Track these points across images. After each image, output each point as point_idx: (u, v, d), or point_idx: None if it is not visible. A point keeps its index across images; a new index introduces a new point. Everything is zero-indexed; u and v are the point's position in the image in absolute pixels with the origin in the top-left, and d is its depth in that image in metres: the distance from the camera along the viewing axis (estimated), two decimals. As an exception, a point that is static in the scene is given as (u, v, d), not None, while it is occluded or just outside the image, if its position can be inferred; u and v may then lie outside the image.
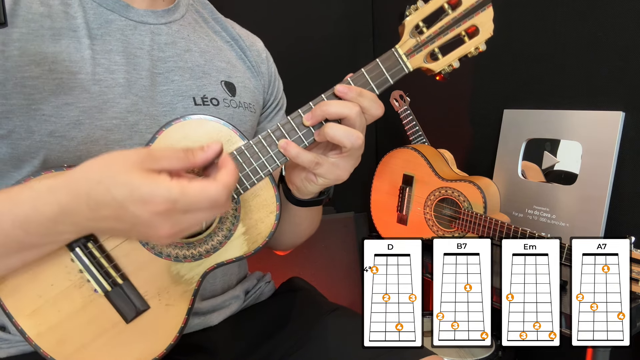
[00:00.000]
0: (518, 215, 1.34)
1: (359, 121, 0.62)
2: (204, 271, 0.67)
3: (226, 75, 0.79)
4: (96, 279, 0.62)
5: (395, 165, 1.41)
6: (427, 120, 1.51)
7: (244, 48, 0.85)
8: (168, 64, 0.73)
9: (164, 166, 0.54)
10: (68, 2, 0.68)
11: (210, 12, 0.85)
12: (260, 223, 0.66)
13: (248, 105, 0.81)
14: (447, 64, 0.65)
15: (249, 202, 0.66)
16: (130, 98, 0.68)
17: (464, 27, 0.64)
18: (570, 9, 1.25)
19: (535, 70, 1.35)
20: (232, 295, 0.83)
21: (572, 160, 1.25)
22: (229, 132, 0.63)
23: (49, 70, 0.63)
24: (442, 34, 0.64)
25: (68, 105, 0.64)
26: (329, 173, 0.65)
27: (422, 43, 0.64)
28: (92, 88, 0.65)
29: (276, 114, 0.90)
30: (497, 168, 1.42)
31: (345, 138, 0.61)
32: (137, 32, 0.71)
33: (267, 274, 0.95)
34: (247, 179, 0.63)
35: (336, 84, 0.63)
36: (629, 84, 1.16)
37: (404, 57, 0.64)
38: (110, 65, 0.68)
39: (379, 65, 0.63)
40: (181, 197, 0.52)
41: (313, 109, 0.62)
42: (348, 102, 0.62)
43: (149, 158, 0.53)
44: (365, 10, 1.80)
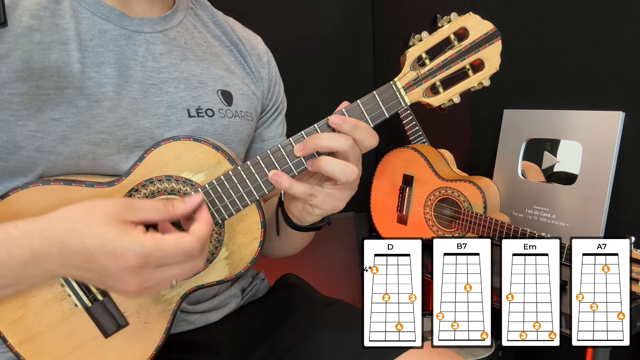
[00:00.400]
0: (518, 215, 1.34)
1: (352, 153, 0.61)
2: (184, 292, 0.67)
3: (223, 84, 0.77)
4: (77, 294, 0.63)
5: (395, 165, 1.41)
6: (427, 120, 1.51)
7: (243, 53, 0.83)
8: (162, 75, 0.71)
9: (142, 217, 0.55)
10: (60, 14, 0.65)
11: (210, 14, 0.83)
12: (244, 248, 0.66)
13: (245, 114, 0.79)
14: (447, 99, 0.62)
15: (233, 226, 0.66)
16: (119, 112, 0.66)
17: (469, 61, 0.61)
18: (570, 9, 1.25)
19: (535, 70, 1.35)
20: (229, 294, 0.84)
21: (572, 160, 1.25)
22: (217, 156, 0.63)
23: (36, 86, 0.62)
24: (445, 67, 0.61)
25: (55, 120, 0.62)
26: (325, 204, 0.64)
27: (423, 77, 0.61)
28: (79, 103, 0.64)
29: (274, 120, 0.88)
30: (497, 168, 1.42)
31: (340, 172, 0.60)
32: (131, 42, 0.69)
33: (261, 271, 0.95)
34: (232, 205, 0.63)
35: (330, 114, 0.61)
36: (629, 84, 1.16)
37: (402, 90, 0.61)
38: (100, 79, 0.66)
39: (376, 97, 0.62)
40: (154, 251, 0.53)
41: (305, 140, 0.61)
42: (341, 135, 0.60)
43: (127, 209, 0.54)
44: (365, 10, 1.80)
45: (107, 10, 0.68)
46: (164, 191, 0.63)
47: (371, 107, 0.62)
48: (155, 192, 0.63)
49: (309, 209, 0.66)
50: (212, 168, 0.63)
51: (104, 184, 0.63)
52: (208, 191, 0.62)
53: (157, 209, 0.56)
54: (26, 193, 0.60)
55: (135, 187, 0.63)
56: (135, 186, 0.63)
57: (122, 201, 0.55)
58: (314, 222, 0.71)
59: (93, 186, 0.62)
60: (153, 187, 0.63)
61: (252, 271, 0.94)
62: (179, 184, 0.63)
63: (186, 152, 0.63)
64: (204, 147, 0.63)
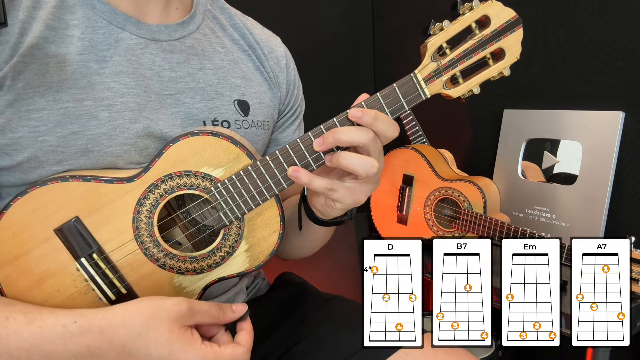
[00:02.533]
0: (518, 215, 1.34)
1: (373, 147, 0.60)
2: (206, 284, 0.67)
3: (240, 93, 0.76)
4: (101, 288, 0.63)
5: (395, 165, 1.41)
6: (427, 120, 1.51)
7: (261, 57, 0.81)
8: (179, 85, 0.70)
9: (199, 321, 0.58)
10: (75, 24, 0.64)
11: (228, 17, 0.81)
12: (263, 241, 0.66)
13: (261, 124, 0.78)
14: (468, 90, 0.61)
15: (252, 220, 0.66)
16: (141, 122, 0.65)
17: (490, 50, 0.60)
18: (570, 8, 1.25)
19: (535, 70, 1.35)
20: (237, 290, 0.85)
21: (572, 160, 1.25)
22: (236, 150, 0.63)
23: (53, 100, 0.61)
24: (466, 57, 0.59)
25: (75, 134, 0.62)
26: (345, 198, 0.63)
27: (444, 67, 0.60)
28: (100, 114, 0.63)
29: (291, 124, 0.87)
30: (497, 168, 1.42)
31: (360, 167, 0.59)
32: (147, 51, 0.68)
33: (261, 270, 0.96)
34: (252, 200, 0.63)
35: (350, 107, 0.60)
36: (629, 84, 1.16)
37: (422, 83, 0.60)
38: (120, 89, 0.65)
39: (396, 90, 0.60)
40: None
41: (325, 135, 0.60)
42: (361, 128, 0.59)
43: (189, 314, 0.56)
44: (365, 10, 1.80)
45: (122, 19, 0.67)
46: (184, 186, 0.63)
47: (391, 100, 0.61)
48: (174, 188, 0.63)
49: (331, 203, 0.65)
50: (231, 163, 0.63)
51: (124, 179, 0.62)
52: (228, 186, 0.63)
53: (212, 314, 0.59)
54: (45, 190, 0.60)
55: (155, 182, 0.63)
56: (154, 182, 0.63)
57: (185, 304, 0.56)
58: (337, 216, 0.70)
59: (112, 182, 0.62)
60: (172, 183, 0.63)
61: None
62: (198, 179, 0.63)
63: (205, 147, 0.62)
64: (222, 142, 0.63)
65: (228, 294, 0.83)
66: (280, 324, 0.83)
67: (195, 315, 0.57)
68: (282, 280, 0.95)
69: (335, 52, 1.75)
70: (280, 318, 0.84)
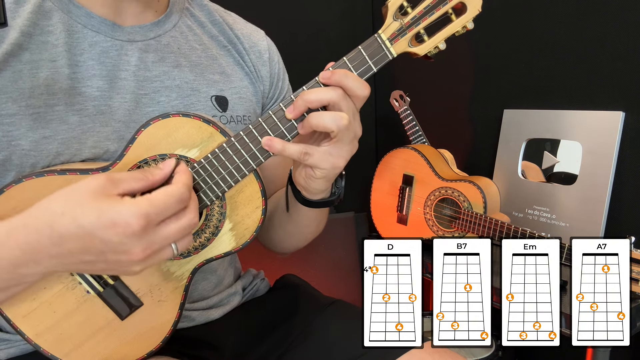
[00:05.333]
0: (518, 215, 1.34)
1: (345, 104, 0.59)
2: (194, 267, 0.67)
3: (218, 89, 0.76)
4: (87, 281, 0.63)
5: (395, 165, 1.41)
6: (427, 120, 1.51)
7: (242, 52, 0.81)
8: (155, 84, 0.70)
9: (125, 189, 0.54)
10: (50, 29, 0.65)
11: (207, 14, 0.81)
12: (247, 218, 0.66)
13: (241, 119, 0.77)
14: (434, 46, 0.62)
15: (234, 198, 0.65)
16: (111, 125, 0.66)
17: (450, 5, 0.60)
18: (570, 8, 1.25)
19: (535, 70, 1.35)
20: (231, 292, 0.84)
21: (572, 160, 1.25)
22: (209, 129, 0.62)
23: (25, 105, 0.61)
24: (427, 14, 0.60)
25: (46, 138, 0.62)
26: (322, 162, 0.62)
27: (407, 26, 0.60)
28: (70, 119, 0.64)
29: None
30: (497, 168, 1.42)
31: (331, 121, 0.59)
32: (122, 52, 0.68)
33: (261, 271, 0.96)
34: (230, 176, 0.62)
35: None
36: (629, 84, 1.16)
37: (387, 42, 0.61)
38: (92, 92, 0.65)
39: (362, 52, 0.61)
40: (150, 207, 0.52)
41: (294, 100, 0.60)
42: (329, 87, 0.59)
43: (110, 183, 0.53)
44: (365, 10, 1.80)
45: (97, 22, 0.67)
46: None
47: (358, 62, 0.61)
48: None
49: (310, 172, 0.64)
50: (205, 142, 0.62)
51: (99, 169, 0.62)
52: (204, 165, 0.62)
53: (138, 178, 0.56)
54: (21, 187, 0.60)
55: (130, 169, 0.63)
56: (129, 169, 0.63)
57: (102, 176, 0.53)
58: (322, 190, 0.68)
59: (88, 173, 0.61)
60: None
61: (253, 270, 0.95)
62: None
63: (177, 129, 0.62)
64: (194, 122, 0.62)
65: (221, 294, 0.82)
66: (279, 325, 0.82)
67: (119, 183, 0.54)
68: (283, 282, 0.95)
69: (335, 52, 1.74)
70: (280, 319, 0.83)
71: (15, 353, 0.69)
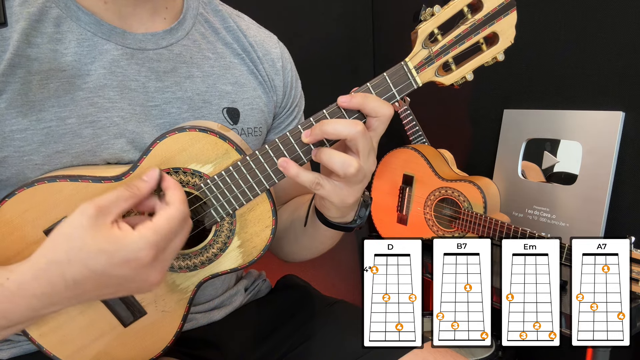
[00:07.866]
0: (518, 215, 1.34)
1: (362, 142, 0.57)
2: (199, 281, 0.67)
3: (230, 101, 0.74)
4: None
5: (395, 165, 1.41)
6: (427, 120, 1.51)
7: (255, 61, 0.78)
8: (166, 95, 0.68)
9: (117, 213, 0.54)
10: (58, 37, 0.62)
11: (221, 20, 0.77)
12: (256, 237, 0.66)
13: (252, 131, 0.76)
14: (461, 77, 0.59)
15: (244, 215, 0.65)
16: (125, 136, 0.65)
17: (483, 34, 0.57)
18: (570, 8, 1.25)
19: (535, 70, 1.35)
20: (233, 292, 0.84)
21: (572, 160, 1.25)
22: (225, 146, 0.62)
23: (36, 120, 0.60)
24: (458, 43, 0.57)
25: (59, 153, 0.61)
26: (331, 195, 0.61)
27: (435, 54, 0.58)
28: (83, 132, 0.62)
29: (289, 125, 0.85)
30: (497, 168, 1.42)
31: (338, 165, 0.57)
32: (133, 62, 0.66)
33: (262, 272, 0.95)
34: (243, 195, 0.62)
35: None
36: (629, 84, 1.16)
37: (413, 71, 0.58)
38: (103, 104, 0.64)
39: (386, 79, 0.59)
40: (157, 236, 0.53)
41: (313, 127, 0.59)
42: (349, 121, 0.58)
43: (100, 214, 0.53)
44: (365, 10, 1.80)
45: (107, 29, 0.65)
46: None
47: (382, 89, 0.59)
48: None
49: (322, 201, 0.64)
50: (220, 158, 0.62)
51: (112, 178, 0.61)
52: (217, 182, 0.62)
53: (125, 197, 0.55)
54: (33, 191, 0.59)
55: None
56: None
57: (90, 208, 0.52)
58: (336, 217, 0.68)
59: (100, 181, 0.61)
60: None
61: (255, 271, 0.94)
62: (187, 175, 0.62)
63: (193, 144, 0.61)
64: (210, 138, 0.61)
65: (223, 296, 0.83)
66: (281, 325, 0.82)
67: (108, 210, 0.53)
68: (284, 283, 0.94)
69: (335, 52, 1.75)
70: (282, 319, 0.83)
71: (18, 353, 0.69)
